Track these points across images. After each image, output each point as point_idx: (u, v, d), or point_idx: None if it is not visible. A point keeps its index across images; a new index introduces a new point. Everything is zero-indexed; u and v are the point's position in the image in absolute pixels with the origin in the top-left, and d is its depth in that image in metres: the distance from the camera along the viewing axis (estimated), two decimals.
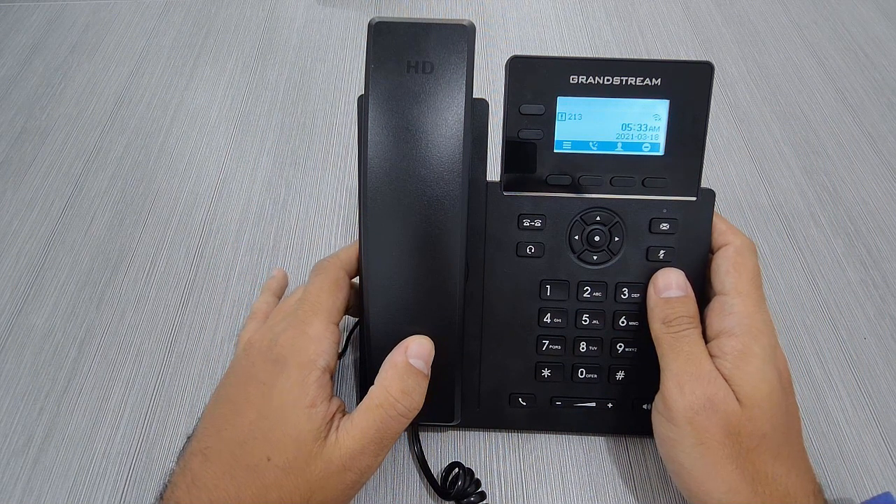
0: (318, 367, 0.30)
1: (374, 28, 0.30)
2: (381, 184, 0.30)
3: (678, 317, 0.31)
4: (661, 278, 0.33)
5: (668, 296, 0.32)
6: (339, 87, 0.57)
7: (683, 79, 0.32)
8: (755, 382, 0.29)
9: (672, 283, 0.32)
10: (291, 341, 0.30)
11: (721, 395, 0.29)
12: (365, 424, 0.29)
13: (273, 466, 0.28)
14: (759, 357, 0.30)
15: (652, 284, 0.33)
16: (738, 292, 0.31)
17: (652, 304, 0.33)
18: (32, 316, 0.43)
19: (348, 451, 0.28)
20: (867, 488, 0.35)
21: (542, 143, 0.33)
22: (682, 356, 0.31)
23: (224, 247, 0.46)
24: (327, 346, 0.30)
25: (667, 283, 0.32)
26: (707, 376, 0.30)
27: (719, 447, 0.28)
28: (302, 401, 0.29)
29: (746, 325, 0.30)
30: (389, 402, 0.29)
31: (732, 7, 0.64)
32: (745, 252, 0.32)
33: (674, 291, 0.32)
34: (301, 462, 0.28)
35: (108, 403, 0.39)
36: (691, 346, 0.31)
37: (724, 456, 0.28)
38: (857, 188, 0.49)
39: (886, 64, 0.58)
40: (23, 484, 0.36)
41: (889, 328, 0.42)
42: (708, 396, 0.29)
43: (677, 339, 0.31)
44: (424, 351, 0.30)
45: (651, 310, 0.33)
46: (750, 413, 0.29)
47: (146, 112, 0.55)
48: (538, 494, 0.35)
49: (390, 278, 0.31)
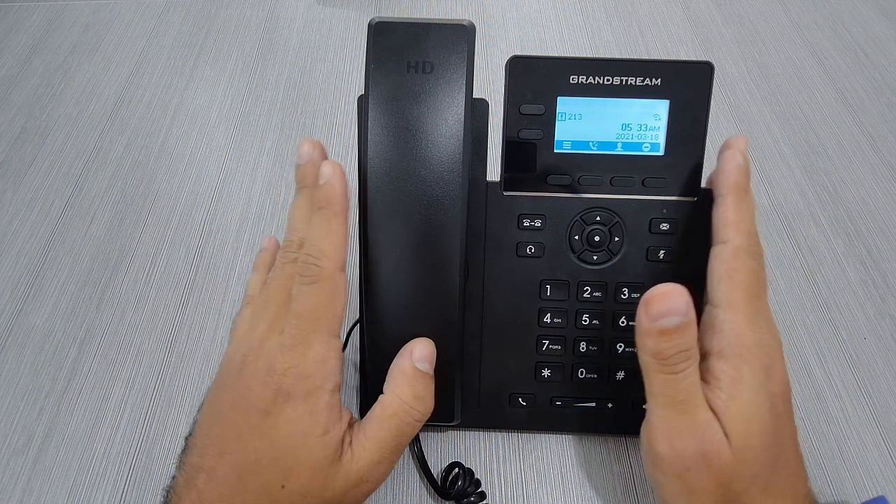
0: (326, 392, 0.28)
1: (374, 28, 0.30)
2: (381, 184, 0.30)
3: (675, 353, 0.26)
4: (657, 303, 0.26)
5: (665, 325, 0.26)
6: (339, 87, 0.57)
7: (683, 79, 0.32)
8: (747, 418, 0.27)
9: (671, 309, 0.26)
10: (293, 369, 0.27)
11: (714, 449, 0.26)
12: (381, 435, 0.28)
13: (288, 492, 0.27)
14: (750, 386, 0.27)
15: (644, 305, 0.26)
16: (730, 305, 0.28)
17: (643, 329, 0.26)
18: (32, 316, 0.43)
19: (367, 463, 0.28)
20: (867, 488, 0.35)
21: (542, 143, 0.33)
22: (675, 405, 0.27)
23: (224, 247, 0.46)
24: (332, 367, 0.28)
25: (663, 309, 0.26)
26: (702, 429, 0.26)
27: (708, 495, 0.27)
28: (314, 430, 0.27)
29: (737, 346, 0.27)
30: (405, 410, 0.29)
31: (732, 7, 0.64)
32: (742, 255, 0.29)
33: (672, 320, 0.26)
34: (318, 485, 0.27)
35: (108, 403, 0.39)
36: (687, 391, 0.26)
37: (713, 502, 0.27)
38: (857, 188, 0.49)
39: (886, 64, 0.58)
40: (23, 484, 0.36)
41: (889, 328, 0.42)
42: (702, 452, 0.26)
43: (671, 383, 0.27)
44: (427, 353, 0.30)
45: (641, 336, 0.27)
46: (741, 457, 0.26)
47: (146, 112, 0.55)
48: (538, 494, 0.35)
49: (390, 278, 0.31)
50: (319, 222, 0.29)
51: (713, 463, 0.26)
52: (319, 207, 0.29)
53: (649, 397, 0.28)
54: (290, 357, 0.27)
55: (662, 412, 0.27)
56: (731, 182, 0.30)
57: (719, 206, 0.30)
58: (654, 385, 0.27)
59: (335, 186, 0.29)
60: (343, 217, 0.29)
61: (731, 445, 0.26)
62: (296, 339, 0.28)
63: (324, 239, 0.28)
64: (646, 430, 0.28)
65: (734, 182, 0.30)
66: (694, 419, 0.26)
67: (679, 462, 0.27)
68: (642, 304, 0.26)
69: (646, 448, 0.28)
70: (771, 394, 0.28)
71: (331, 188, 0.29)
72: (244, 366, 0.29)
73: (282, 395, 0.27)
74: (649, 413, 0.28)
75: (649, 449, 0.28)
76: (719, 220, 0.30)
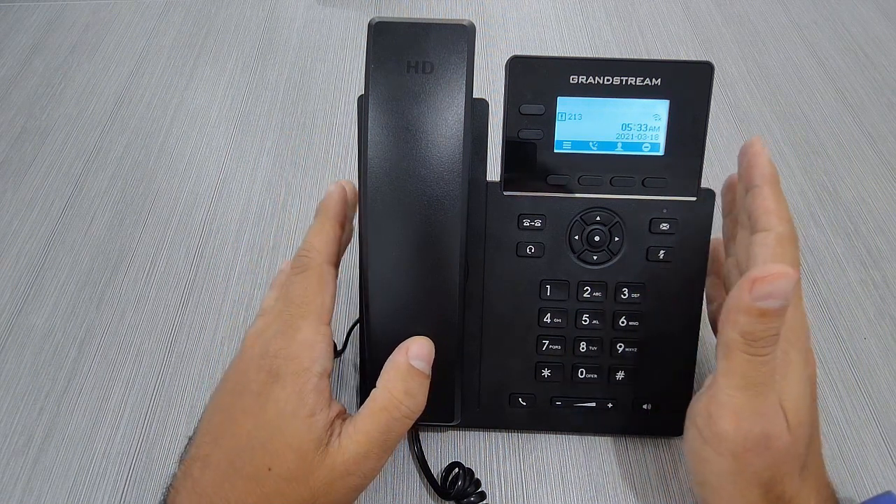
0: (314, 374, 0.29)
1: (374, 28, 0.30)
2: (381, 184, 0.30)
3: (769, 335, 0.26)
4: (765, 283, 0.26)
5: (767, 306, 0.26)
6: (339, 87, 0.57)
7: (683, 79, 0.32)
8: (797, 399, 0.27)
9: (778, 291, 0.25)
10: (283, 350, 0.29)
11: (777, 432, 0.26)
12: (369, 428, 0.28)
13: (274, 476, 0.27)
14: (797, 366, 0.28)
15: (749, 282, 0.26)
16: None
17: (741, 306, 0.26)
18: (32, 316, 0.43)
19: (352, 455, 0.28)
20: (867, 488, 0.35)
21: (542, 143, 0.33)
22: (752, 387, 0.27)
23: (224, 247, 0.46)
24: (321, 351, 0.29)
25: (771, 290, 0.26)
26: (769, 412, 0.27)
27: (756, 477, 0.27)
28: (300, 411, 0.28)
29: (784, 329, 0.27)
30: (393, 405, 0.29)
31: (732, 7, 0.64)
32: (786, 243, 0.28)
33: (776, 301, 0.26)
34: (303, 471, 0.27)
35: (108, 403, 0.39)
36: (766, 374, 0.27)
37: (756, 483, 0.27)
38: (857, 188, 0.49)
39: (886, 64, 0.58)
40: (23, 484, 0.36)
41: (889, 328, 0.42)
42: (766, 434, 0.26)
43: (755, 365, 0.27)
44: (425, 351, 0.30)
45: (736, 312, 0.26)
46: (795, 437, 0.27)
47: (146, 112, 0.55)
48: (538, 494, 0.35)
49: (390, 278, 0.31)
50: (314, 224, 0.32)
51: (774, 445, 0.27)
52: (317, 213, 0.33)
53: (724, 376, 0.28)
54: (281, 340, 0.29)
55: (735, 392, 0.27)
56: (767, 173, 0.30)
57: (756, 196, 0.30)
58: (735, 364, 0.27)
59: (333, 195, 0.33)
60: (336, 221, 0.32)
61: (788, 428, 0.27)
62: (286, 323, 0.30)
63: (315, 236, 0.32)
64: (709, 407, 0.28)
65: (770, 173, 0.30)
66: (766, 402, 0.27)
67: (742, 442, 0.27)
68: (747, 280, 0.26)
69: (702, 424, 0.28)
70: (809, 375, 0.28)
71: (329, 197, 0.33)
72: (244, 353, 0.31)
73: (272, 375, 0.29)
74: (717, 391, 0.28)
75: (709, 425, 0.28)
76: (759, 208, 0.30)
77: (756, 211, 0.30)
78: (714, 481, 0.28)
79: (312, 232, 0.32)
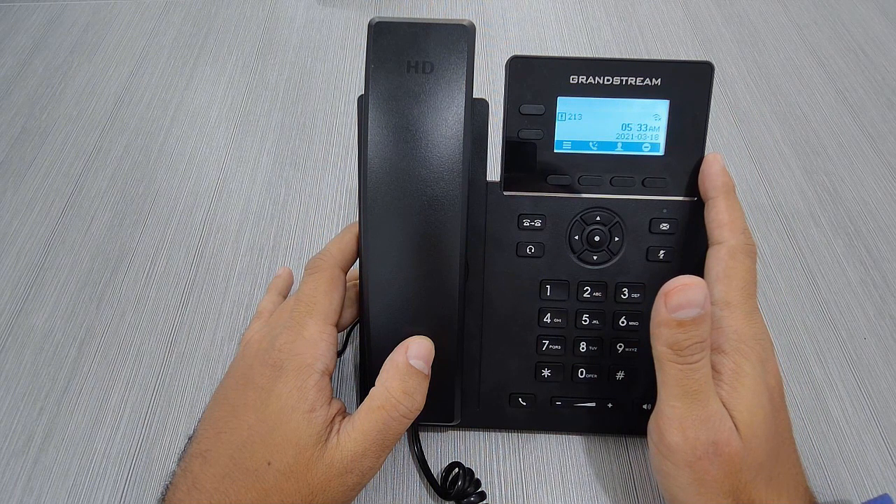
0: (316, 371, 0.29)
1: (374, 28, 0.30)
2: (381, 184, 0.30)
3: (692, 344, 0.27)
4: (677, 294, 0.26)
5: (683, 317, 0.26)
6: (339, 87, 0.57)
7: (683, 79, 0.32)
8: (751, 408, 0.27)
9: (690, 301, 0.26)
10: (288, 345, 0.30)
11: (725, 437, 0.27)
12: (366, 426, 0.29)
13: (273, 471, 0.28)
14: (751, 377, 0.28)
15: (663, 296, 0.27)
16: (727, 304, 0.29)
17: (660, 320, 0.27)
18: (32, 316, 0.43)
19: (350, 453, 0.28)
20: (867, 488, 0.35)
21: (542, 143, 0.33)
22: (688, 395, 0.27)
23: (224, 247, 0.46)
24: (324, 349, 0.30)
25: (682, 300, 0.26)
26: (714, 418, 0.27)
27: (718, 486, 0.27)
28: (301, 406, 0.28)
29: (735, 341, 0.28)
30: (391, 404, 0.29)
31: (732, 7, 0.64)
32: (738, 255, 0.30)
33: (691, 311, 0.26)
34: (302, 466, 0.28)
35: (108, 403, 0.39)
36: (700, 381, 0.27)
37: (722, 492, 0.27)
38: (857, 188, 0.49)
39: (886, 64, 0.58)
40: (23, 484, 0.36)
41: (889, 328, 0.42)
42: (713, 441, 0.27)
43: (686, 373, 0.27)
44: (424, 351, 0.30)
45: (657, 326, 0.27)
46: (749, 445, 0.27)
47: (146, 112, 0.55)
48: (538, 494, 0.35)
49: (390, 278, 0.31)
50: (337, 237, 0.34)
51: (723, 451, 0.27)
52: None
53: (662, 388, 0.28)
54: (288, 335, 0.30)
55: (675, 402, 0.28)
56: (718, 184, 0.31)
57: (710, 208, 0.32)
58: (669, 375, 0.28)
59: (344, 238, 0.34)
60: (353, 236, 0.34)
61: (739, 435, 0.27)
62: (294, 320, 0.31)
63: (333, 245, 0.33)
64: (657, 421, 0.29)
65: (722, 184, 0.31)
66: (706, 409, 0.27)
67: (691, 451, 0.27)
68: (661, 294, 0.27)
69: (656, 439, 0.29)
70: (769, 386, 0.29)
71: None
72: (248, 348, 0.32)
73: (276, 368, 0.29)
74: (661, 404, 0.28)
75: (660, 439, 0.28)
76: (712, 221, 0.31)
77: (709, 224, 0.31)
78: (681, 495, 0.28)
79: (332, 242, 0.34)
